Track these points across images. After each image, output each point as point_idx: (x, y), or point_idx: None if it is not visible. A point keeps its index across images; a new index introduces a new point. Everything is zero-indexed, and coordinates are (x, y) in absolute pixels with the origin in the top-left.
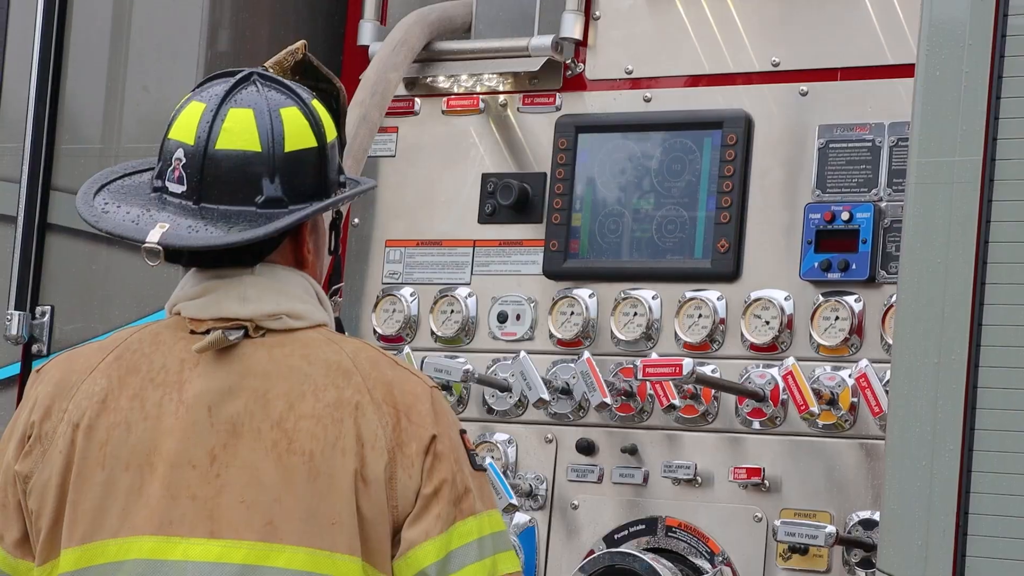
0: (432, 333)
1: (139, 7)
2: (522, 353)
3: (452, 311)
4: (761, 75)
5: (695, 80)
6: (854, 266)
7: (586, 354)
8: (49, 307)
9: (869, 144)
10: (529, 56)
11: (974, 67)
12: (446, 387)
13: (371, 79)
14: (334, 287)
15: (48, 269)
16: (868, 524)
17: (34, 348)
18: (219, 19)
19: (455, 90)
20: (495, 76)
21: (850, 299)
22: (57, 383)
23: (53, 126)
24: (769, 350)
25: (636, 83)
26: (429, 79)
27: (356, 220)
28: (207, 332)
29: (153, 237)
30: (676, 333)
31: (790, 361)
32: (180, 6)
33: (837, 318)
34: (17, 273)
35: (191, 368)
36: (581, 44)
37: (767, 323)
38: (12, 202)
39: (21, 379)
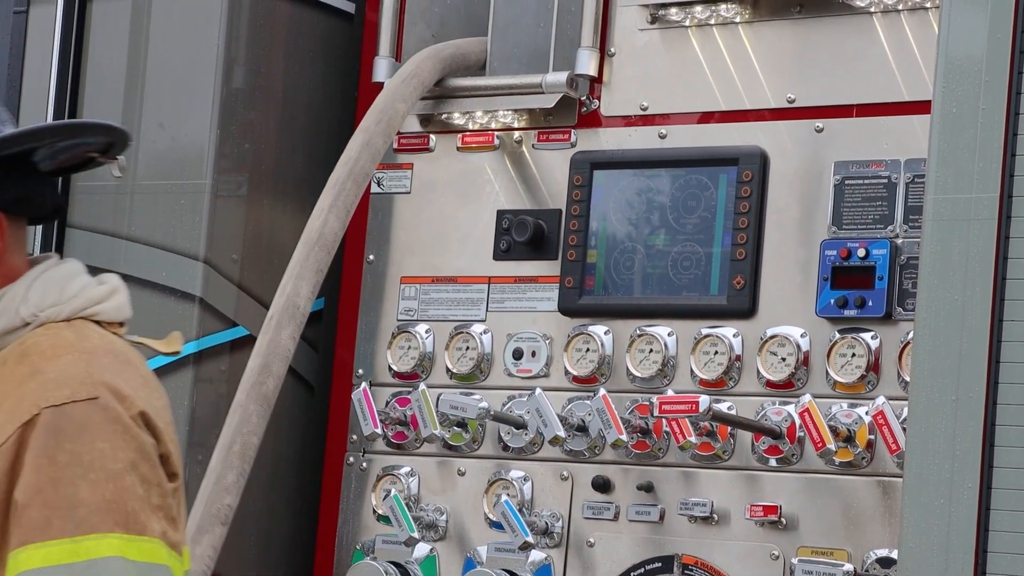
0: (447, 370)
1: (155, 44)
2: (537, 390)
3: (467, 348)
4: (776, 111)
5: (710, 116)
6: (870, 303)
7: (602, 391)
8: None
9: (885, 181)
10: (544, 93)
11: (991, 104)
12: (462, 424)
13: (378, 107)
14: None
15: None
16: (886, 562)
17: None
18: (235, 56)
19: (470, 127)
20: (510, 112)
21: (867, 336)
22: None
23: None
24: (785, 387)
25: (651, 119)
26: (444, 116)
27: (371, 256)
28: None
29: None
30: (692, 370)
31: (806, 398)
32: (196, 43)
33: (854, 355)
34: None
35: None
36: (596, 80)
37: (783, 360)
38: (28, 239)
39: None
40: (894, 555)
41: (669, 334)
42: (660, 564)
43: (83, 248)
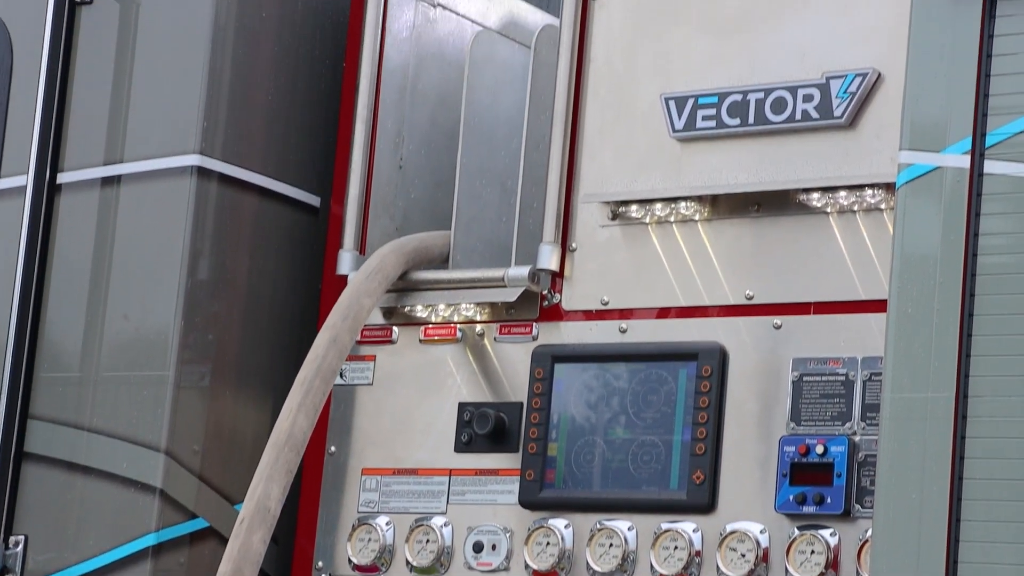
0: (408, 563)
1: (121, 235)
2: None
3: (428, 540)
4: (735, 308)
5: (670, 312)
6: (829, 500)
7: None
8: (23, 536)
9: (843, 378)
10: (506, 287)
11: (945, 304)
12: None
13: (344, 303)
14: None
15: (23, 498)
16: None
17: None
18: (200, 248)
19: (433, 319)
20: (472, 306)
21: (825, 533)
22: None
23: (33, 354)
24: None
25: (612, 314)
26: (407, 308)
27: (332, 448)
28: None
29: None
30: (652, 565)
31: None
32: (161, 234)
33: (813, 552)
34: None
35: None
36: (558, 275)
37: (743, 556)
38: None
39: None
40: None
41: (629, 528)
42: None
43: (44, 439)
